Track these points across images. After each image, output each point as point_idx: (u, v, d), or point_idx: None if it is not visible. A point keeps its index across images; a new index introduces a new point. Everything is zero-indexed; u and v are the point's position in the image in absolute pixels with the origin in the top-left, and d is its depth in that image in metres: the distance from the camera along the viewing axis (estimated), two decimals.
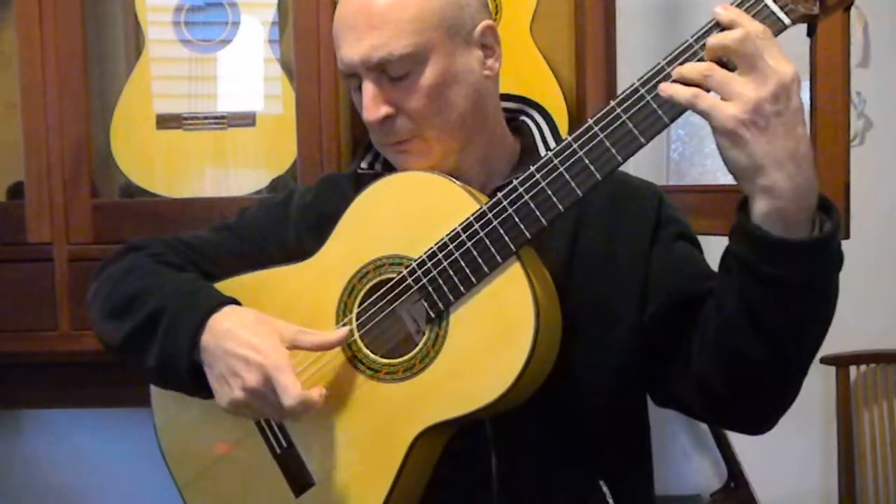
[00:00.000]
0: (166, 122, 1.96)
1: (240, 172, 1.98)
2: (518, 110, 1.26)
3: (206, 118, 1.96)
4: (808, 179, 0.94)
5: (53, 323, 1.89)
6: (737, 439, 2.30)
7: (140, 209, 1.91)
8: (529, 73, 1.94)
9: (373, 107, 1.11)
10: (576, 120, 1.93)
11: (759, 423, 1.11)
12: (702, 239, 1.24)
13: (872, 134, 2.46)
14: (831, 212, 0.97)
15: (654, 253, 1.17)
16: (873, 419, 2.44)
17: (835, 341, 1.02)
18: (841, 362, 2.39)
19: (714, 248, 1.25)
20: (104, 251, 1.80)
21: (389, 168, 1.20)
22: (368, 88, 1.11)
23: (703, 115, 0.94)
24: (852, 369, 2.42)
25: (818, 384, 2.43)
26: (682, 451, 2.47)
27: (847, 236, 1.75)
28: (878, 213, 2.39)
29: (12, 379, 2.05)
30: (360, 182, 1.20)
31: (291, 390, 1.04)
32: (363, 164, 1.25)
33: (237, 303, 1.15)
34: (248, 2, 1.99)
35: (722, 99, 0.94)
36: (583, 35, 1.87)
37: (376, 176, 1.16)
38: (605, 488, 1.16)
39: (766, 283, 0.97)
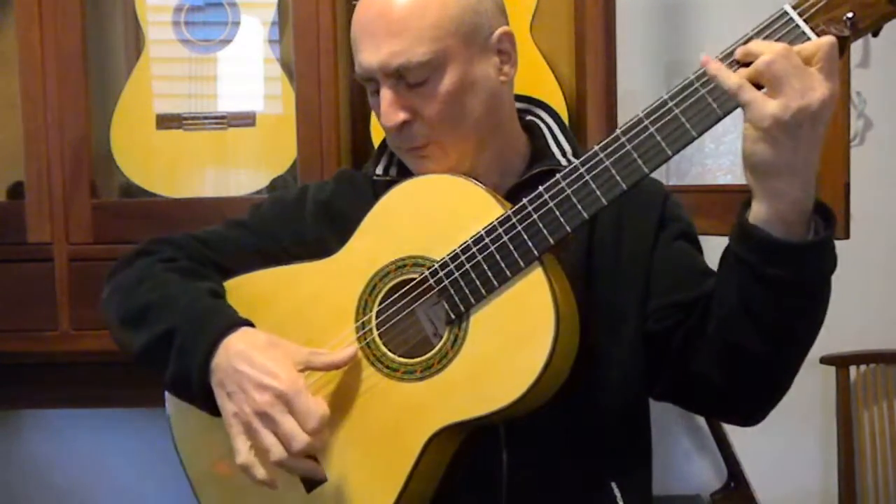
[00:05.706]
0: (166, 122, 1.96)
1: (240, 172, 1.98)
2: (526, 110, 1.28)
3: (206, 118, 1.96)
4: (811, 187, 0.98)
5: (53, 323, 1.89)
6: (737, 439, 2.29)
7: (140, 209, 1.91)
8: (529, 73, 1.94)
9: (390, 112, 1.13)
10: (576, 120, 1.93)
11: (752, 414, 1.15)
12: (702, 239, 1.26)
13: (872, 134, 2.45)
14: (828, 216, 1.00)
15: (656, 252, 1.19)
16: (873, 419, 2.44)
17: (835, 341, 1.04)
18: (841, 362, 2.38)
19: (714, 248, 1.25)
20: (104, 251, 1.81)
21: (404, 173, 1.21)
22: (386, 94, 1.13)
23: (744, 105, 0.95)
24: (852, 369, 2.41)
25: (818, 384, 2.42)
26: (682, 451, 2.46)
27: (847, 236, 1.75)
28: (878, 213, 2.38)
29: (12, 379, 2.05)
30: (376, 188, 1.21)
31: (314, 412, 1.05)
32: (378, 170, 1.25)
33: (250, 323, 1.15)
34: (248, 2, 1.99)
35: (770, 94, 0.94)
36: (583, 35, 1.87)
37: (391, 183, 1.17)
38: (616, 490, 1.17)
39: (767, 282, 1.00)
